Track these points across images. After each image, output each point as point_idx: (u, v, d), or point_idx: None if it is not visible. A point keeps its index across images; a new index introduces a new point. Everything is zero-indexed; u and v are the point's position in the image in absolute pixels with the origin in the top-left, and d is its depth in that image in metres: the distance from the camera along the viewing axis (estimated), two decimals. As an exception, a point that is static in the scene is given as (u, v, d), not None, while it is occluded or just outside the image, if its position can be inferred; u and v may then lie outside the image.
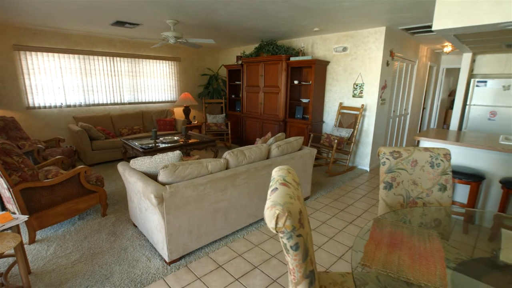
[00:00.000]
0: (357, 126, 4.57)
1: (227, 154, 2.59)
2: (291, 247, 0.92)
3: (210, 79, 7.17)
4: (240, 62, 6.12)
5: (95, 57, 5.50)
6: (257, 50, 5.66)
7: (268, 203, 0.94)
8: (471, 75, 5.03)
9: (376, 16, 3.73)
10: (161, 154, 2.44)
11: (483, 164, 2.91)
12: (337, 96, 5.06)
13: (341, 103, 4.96)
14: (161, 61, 6.47)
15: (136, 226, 2.85)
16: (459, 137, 3.10)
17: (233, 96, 6.74)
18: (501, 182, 2.64)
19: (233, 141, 6.68)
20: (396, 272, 1.08)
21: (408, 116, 6.07)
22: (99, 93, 5.67)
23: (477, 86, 4.69)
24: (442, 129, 3.68)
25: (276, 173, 1.22)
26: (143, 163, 2.41)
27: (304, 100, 5.17)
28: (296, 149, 3.26)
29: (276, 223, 0.89)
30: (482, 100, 4.69)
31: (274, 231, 0.91)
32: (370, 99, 4.61)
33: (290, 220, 0.89)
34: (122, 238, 2.65)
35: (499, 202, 2.87)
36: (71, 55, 5.19)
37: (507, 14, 2.58)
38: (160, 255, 2.38)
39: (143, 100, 6.34)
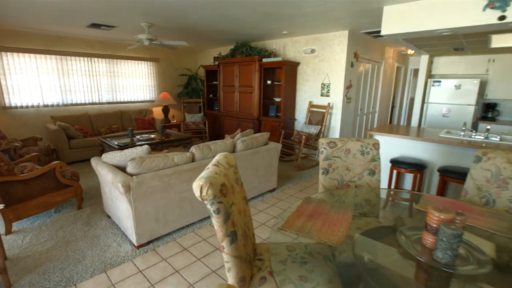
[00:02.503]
0: (324, 123, 4.89)
1: (193, 148, 2.83)
2: (213, 211, 1.17)
3: (189, 79, 7.36)
4: (216, 63, 6.35)
5: (73, 57, 5.60)
6: (233, 51, 5.90)
7: (197, 178, 1.19)
8: (429, 76, 5.45)
9: (337, 21, 4.04)
10: (130, 149, 2.65)
11: (425, 155, 3.26)
12: (307, 95, 5.37)
13: (310, 102, 5.28)
14: (139, 61, 6.62)
15: (109, 217, 3.04)
16: (406, 131, 3.45)
17: (211, 95, 6.96)
18: (438, 170, 2.99)
19: (211, 139, 6.89)
20: (306, 234, 1.36)
21: (376, 114, 6.47)
22: (77, 93, 5.77)
23: (433, 85, 5.11)
24: (393, 125, 4.03)
25: (216, 158, 1.47)
26: (113, 156, 2.62)
27: (277, 99, 5.45)
28: (262, 144, 3.53)
29: (201, 192, 1.14)
30: (437, 98, 5.11)
31: (200, 199, 1.16)
32: (336, 98, 4.94)
33: (212, 189, 1.14)
34: (96, 228, 2.84)
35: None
36: (48, 56, 5.28)
37: (441, 22, 2.93)
38: (130, 240, 2.60)
39: (122, 100, 6.47)
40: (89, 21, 4.23)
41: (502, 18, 1.91)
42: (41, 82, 5.28)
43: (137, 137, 4.71)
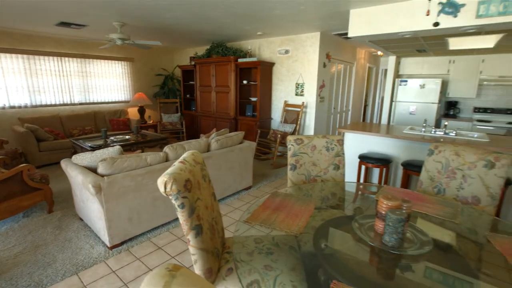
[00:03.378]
0: (299, 122, 5.03)
1: (166, 148, 2.85)
2: (178, 206, 1.22)
3: (165, 79, 7.29)
4: (193, 63, 6.34)
5: (41, 57, 5.40)
6: (209, 51, 5.92)
7: (162, 174, 1.24)
8: (397, 76, 5.74)
9: (309, 23, 4.18)
10: (102, 149, 2.63)
11: (391, 150, 3.46)
12: (282, 94, 5.49)
13: (286, 101, 5.41)
14: (113, 61, 6.47)
15: (82, 220, 2.99)
16: (373, 129, 3.64)
17: (188, 95, 6.93)
18: (402, 164, 3.18)
19: (188, 139, 6.87)
20: (269, 225, 1.44)
21: (350, 113, 6.72)
22: (47, 93, 5.57)
23: (400, 85, 5.39)
24: (363, 122, 4.23)
25: (183, 155, 1.52)
26: (84, 158, 2.59)
27: (253, 99, 5.54)
28: (237, 142, 3.59)
29: (165, 188, 1.19)
30: (405, 97, 5.41)
31: (165, 194, 1.21)
32: (310, 97, 5.09)
33: (175, 185, 1.19)
34: (67, 231, 2.79)
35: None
36: (14, 55, 5.06)
37: (401, 26, 3.13)
38: (102, 242, 2.58)
39: (95, 101, 6.30)
40: (58, 20, 4.11)
41: (436, 24, 2.08)
42: (7, 83, 5.05)
43: (111, 138, 4.62)
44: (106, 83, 6.43)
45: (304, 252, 1.55)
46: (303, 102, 5.06)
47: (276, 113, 5.67)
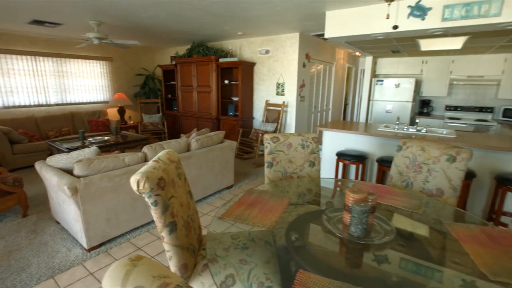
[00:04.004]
0: (280, 121, 5.11)
1: (145, 148, 2.84)
2: (151, 203, 1.25)
3: (146, 79, 7.19)
4: (174, 62, 6.30)
5: (14, 56, 5.20)
6: (189, 51, 5.90)
7: (135, 173, 1.26)
8: (374, 75, 5.94)
9: (287, 23, 4.26)
10: (78, 151, 2.59)
11: (366, 147, 3.59)
12: (263, 94, 5.56)
13: (267, 101, 5.47)
14: (91, 60, 6.32)
15: (58, 223, 2.93)
16: (350, 127, 3.76)
17: (169, 95, 6.87)
18: (377, 161, 3.32)
19: (170, 139, 6.81)
20: (243, 221, 1.49)
21: (330, 112, 6.88)
22: (21, 94, 5.37)
23: (377, 84, 5.58)
24: (341, 121, 4.36)
25: (158, 154, 1.54)
26: (59, 159, 2.54)
27: (235, 99, 5.57)
28: (217, 142, 3.62)
29: (138, 186, 1.21)
30: (381, 96, 5.60)
31: (138, 193, 1.23)
32: (291, 96, 5.18)
33: (148, 183, 1.22)
34: (43, 235, 2.73)
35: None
36: (-17, 54, 4.85)
37: (373, 28, 3.25)
38: (80, 244, 2.54)
39: (73, 101, 6.14)
40: (30, 18, 3.98)
41: (395, 27, 2.19)
42: (-24, 83, 4.84)
43: (89, 139, 4.53)
44: (84, 83, 6.27)
45: (279, 246, 1.61)
46: (284, 102, 5.14)
47: (258, 113, 5.73)
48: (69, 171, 2.54)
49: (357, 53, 6.70)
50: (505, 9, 2.61)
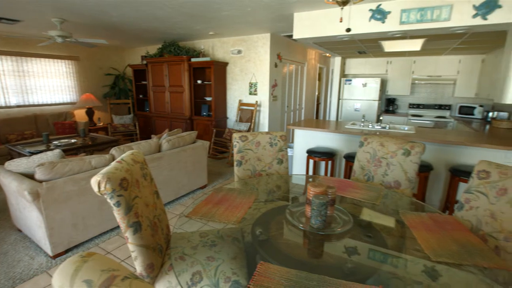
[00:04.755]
0: (253, 120, 5.17)
1: (113, 150, 2.78)
2: (114, 204, 1.25)
3: (116, 79, 6.97)
4: (144, 62, 6.16)
5: (-33, 54, 4.85)
6: (161, 50, 5.80)
7: (96, 175, 1.25)
8: (343, 75, 6.17)
9: (258, 24, 4.32)
10: (40, 154, 2.48)
11: (335, 144, 3.74)
12: (237, 94, 5.59)
13: (240, 100, 5.51)
14: (55, 60, 6.02)
15: (20, 231, 2.79)
16: (320, 125, 3.89)
17: (141, 96, 6.71)
18: (344, 157, 3.47)
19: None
20: (209, 218, 1.52)
21: (303, 110, 7.04)
22: (-24, 95, 5.01)
23: (345, 84, 5.81)
24: (311, 119, 4.50)
25: (122, 155, 1.53)
26: (19, 164, 2.42)
27: (208, 99, 5.56)
28: (189, 142, 3.61)
29: (99, 187, 1.20)
30: (350, 95, 5.83)
31: (99, 194, 1.22)
32: (263, 96, 5.26)
33: (110, 184, 1.22)
34: (3, 244, 2.59)
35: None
36: None
37: (338, 30, 3.39)
38: (44, 252, 2.44)
39: (36, 103, 5.82)
40: (-16, 14, 3.74)
41: (348, 30, 2.31)
42: None
43: (54, 142, 4.33)
44: (48, 84, 5.96)
45: (247, 242, 1.66)
46: (256, 101, 5.21)
47: (232, 112, 5.76)
48: (30, 176, 2.43)
49: (327, 54, 6.92)
50: (454, 15, 2.83)
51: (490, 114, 4.64)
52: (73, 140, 4.45)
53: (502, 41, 3.85)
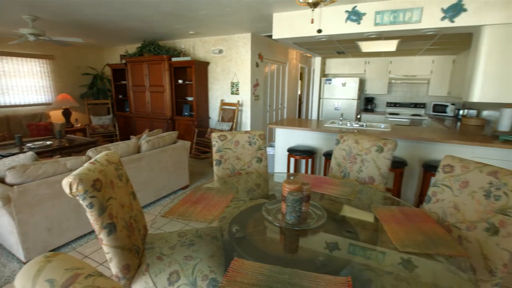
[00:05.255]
0: (235, 120, 5.18)
1: (89, 152, 2.71)
2: (86, 205, 1.23)
3: (94, 78, 6.78)
4: (124, 61, 6.03)
5: None
6: (140, 49, 5.70)
7: (67, 176, 1.23)
8: (323, 75, 6.29)
9: (238, 24, 4.34)
10: (11, 157, 2.39)
11: (315, 143, 3.82)
12: (218, 93, 5.59)
13: (222, 100, 5.51)
14: (28, 59, 5.79)
15: (-9, 237, 2.68)
16: (300, 124, 3.96)
17: (120, 96, 6.57)
18: (323, 155, 3.55)
19: (125, 142, 6.52)
20: (185, 217, 1.53)
21: (285, 110, 7.12)
22: None
23: (326, 83, 5.93)
24: (292, 118, 4.57)
25: (96, 156, 1.51)
26: (-12, 167, 2.32)
27: (190, 98, 5.52)
28: (170, 142, 3.58)
29: (70, 189, 1.19)
30: (330, 94, 5.96)
31: (71, 195, 1.21)
32: (245, 95, 5.28)
33: (82, 185, 1.20)
34: (-28, 251, 2.47)
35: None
36: None
37: (315, 31, 3.46)
38: (17, 258, 2.36)
39: (7, 103, 5.57)
40: (-52, 11, 3.55)
41: (319, 31, 2.37)
42: None
43: (28, 145, 4.16)
44: (21, 84, 5.72)
45: (226, 240, 1.68)
46: (238, 101, 5.22)
47: (214, 112, 5.74)
48: (1, 180, 2.34)
49: (308, 54, 7.03)
50: (424, 17, 2.97)
51: (461, 112, 4.88)
52: (48, 142, 4.30)
53: (469, 42, 4.05)
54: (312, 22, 2.57)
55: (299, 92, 8.15)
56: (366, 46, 4.52)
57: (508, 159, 2.84)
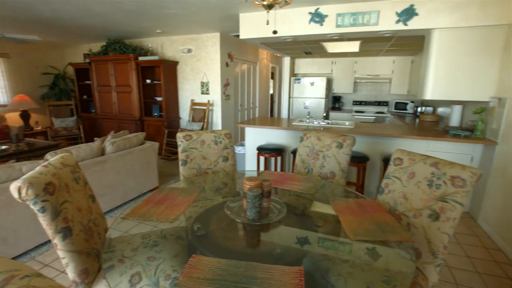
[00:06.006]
0: (206, 120, 5.16)
1: (48, 155, 2.59)
2: (38, 210, 1.20)
3: (55, 78, 6.43)
4: (87, 60, 5.78)
5: None
6: (105, 48, 5.49)
7: (16, 181, 1.18)
8: (293, 74, 6.44)
9: (206, 23, 4.32)
10: (-43, 163, 2.23)
11: (284, 141, 3.91)
12: (189, 93, 5.53)
13: (192, 100, 5.46)
14: (-21, 57, 5.37)
15: None
16: (269, 123, 4.04)
17: (85, 96, 6.28)
18: (292, 152, 3.64)
19: (91, 144, 6.25)
20: (146, 218, 1.53)
21: (257, 109, 7.19)
22: None
23: (295, 83, 6.07)
24: (262, 117, 4.64)
25: (50, 159, 1.46)
26: None
27: (159, 99, 5.41)
28: (137, 144, 3.50)
29: (20, 193, 1.15)
30: (299, 93, 6.12)
31: (20, 200, 1.16)
32: (216, 95, 5.28)
33: (32, 189, 1.16)
34: None
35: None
36: None
37: (282, 31, 3.53)
38: (-33, 271, 2.21)
39: (-44, 106, 5.13)
40: None
41: (274, 32, 2.43)
42: None
43: (-20, 150, 3.87)
44: (-29, 84, 5.29)
45: (190, 239, 1.69)
46: (209, 101, 5.21)
47: (184, 112, 5.68)
48: None
49: (278, 54, 7.15)
50: (381, 20, 3.15)
51: (419, 109, 5.21)
52: (3, 147, 4.03)
53: (423, 44, 4.35)
54: (267, 24, 2.65)
55: (271, 92, 8.26)
56: (331, 47, 4.69)
57: (456, 151, 3.10)
